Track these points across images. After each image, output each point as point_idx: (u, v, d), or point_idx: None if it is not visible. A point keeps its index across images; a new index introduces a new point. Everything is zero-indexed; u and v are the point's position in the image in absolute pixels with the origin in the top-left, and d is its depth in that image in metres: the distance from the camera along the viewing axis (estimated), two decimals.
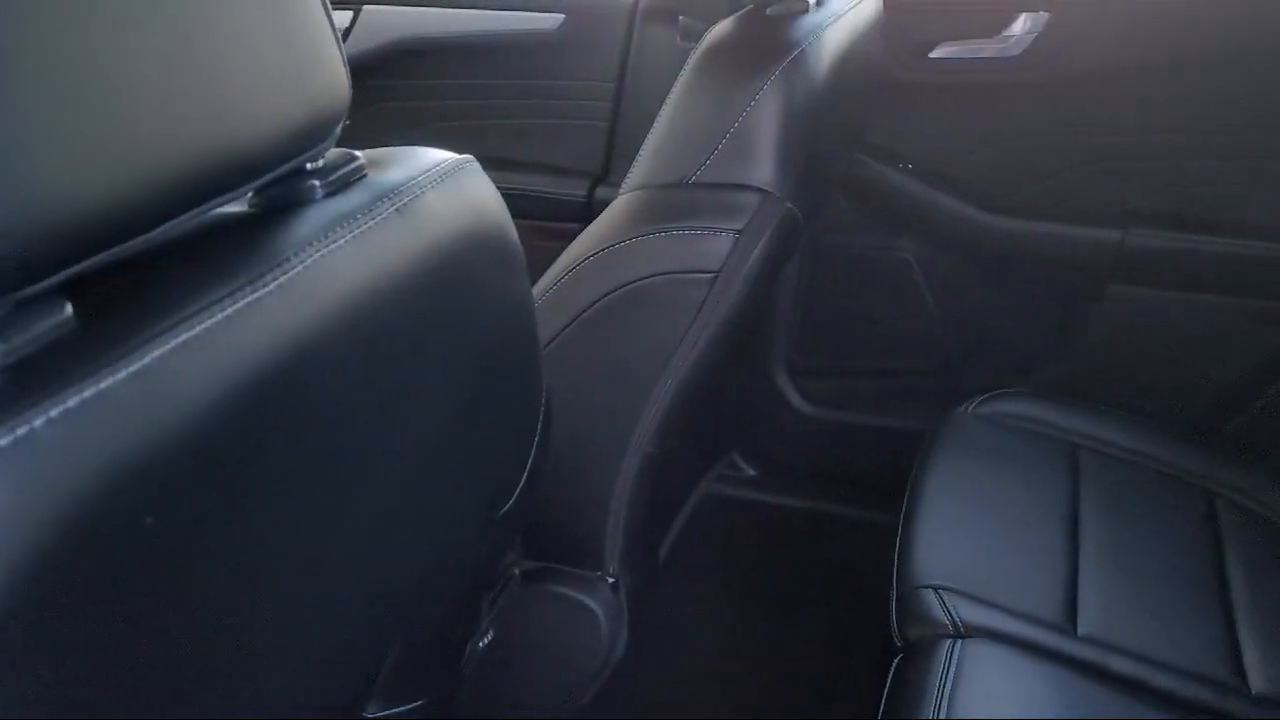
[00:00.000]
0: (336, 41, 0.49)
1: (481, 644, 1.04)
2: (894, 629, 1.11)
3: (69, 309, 0.39)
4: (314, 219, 0.48)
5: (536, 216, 1.77)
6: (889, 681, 1.04)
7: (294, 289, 0.44)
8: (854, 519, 1.73)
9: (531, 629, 1.18)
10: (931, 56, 1.52)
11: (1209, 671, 1.05)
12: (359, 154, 0.54)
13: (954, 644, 1.03)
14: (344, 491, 0.49)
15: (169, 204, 0.41)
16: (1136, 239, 1.50)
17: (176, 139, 0.40)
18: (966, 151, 1.58)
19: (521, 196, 1.77)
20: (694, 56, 1.08)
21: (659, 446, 1.12)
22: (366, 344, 0.48)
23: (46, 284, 0.37)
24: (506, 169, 1.79)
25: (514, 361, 0.65)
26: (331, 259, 0.47)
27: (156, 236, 0.41)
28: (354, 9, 1.75)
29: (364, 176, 0.53)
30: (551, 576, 1.18)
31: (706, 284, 1.03)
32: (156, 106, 0.39)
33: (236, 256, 0.44)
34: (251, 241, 0.45)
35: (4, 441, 0.33)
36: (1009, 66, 1.49)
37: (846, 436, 1.78)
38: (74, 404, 0.35)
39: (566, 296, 1.07)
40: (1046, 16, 1.45)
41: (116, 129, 0.38)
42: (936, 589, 1.10)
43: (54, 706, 0.36)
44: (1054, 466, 1.31)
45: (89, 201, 0.37)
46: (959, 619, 1.07)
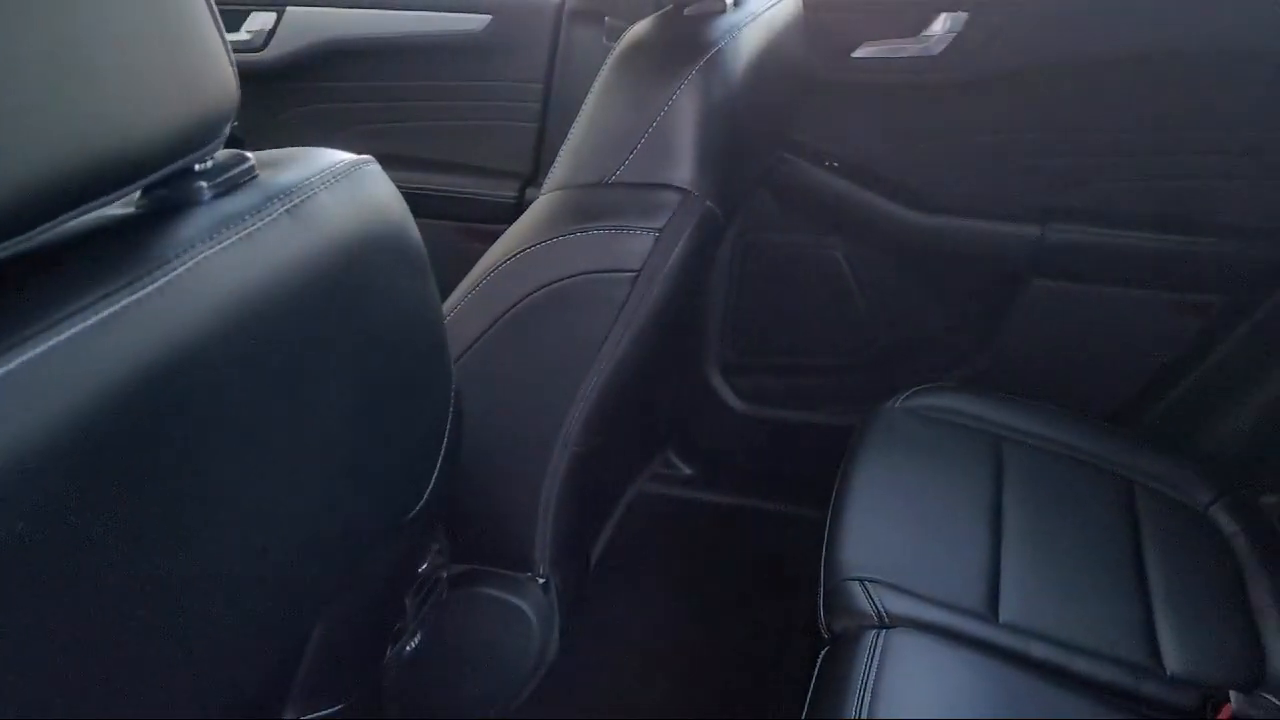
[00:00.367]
0: (223, 43, 0.48)
1: (409, 647, 1.04)
2: (821, 621, 1.13)
3: None
4: (200, 220, 0.48)
5: (466, 218, 1.77)
6: (815, 673, 1.05)
7: (175, 291, 0.44)
8: (788, 514, 1.75)
9: (461, 632, 1.17)
10: (854, 56, 1.53)
11: (1125, 655, 1.07)
12: (250, 155, 0.54)
13: (878, 634, 1.04)
14: (236, 492, 0.48)
15: (47, 205, 0.41)
16: (1055, 234, 1.53)
17: (53, 141, 0.40)
18: (892, 150, 1.60)
19: (451, 198, 1.77)
20: (612, 56, 1.09)
21: (586, 445, 1.12)
22: (257, 345, 0.48)
23: None
24: (436, 170, 1.79)
25: (418, 362, 0.65)
26: (216, 260, 0.46)
27: (34, 238, 0.41)
28: (278, 10, 1.73)
29: (255, 178, 0.53)
30: (481, 578, 1.18)
31: (628, 283, 1.04)
32: (32, 108, 0.38)
33: (118, 258, 0.43)
34: (134, 243, 0.45)
35: None
36: (930, 66, 1.51)
37: (780, 433, 1.80)
38: None
39: (489, 298, 1.07)
40: (965, 16, 1.48)
41: None
42: (862, 581, 1.11)
43: None
44: (978, 458, 1.33)
45: None
46: (883, 610, 1.08)
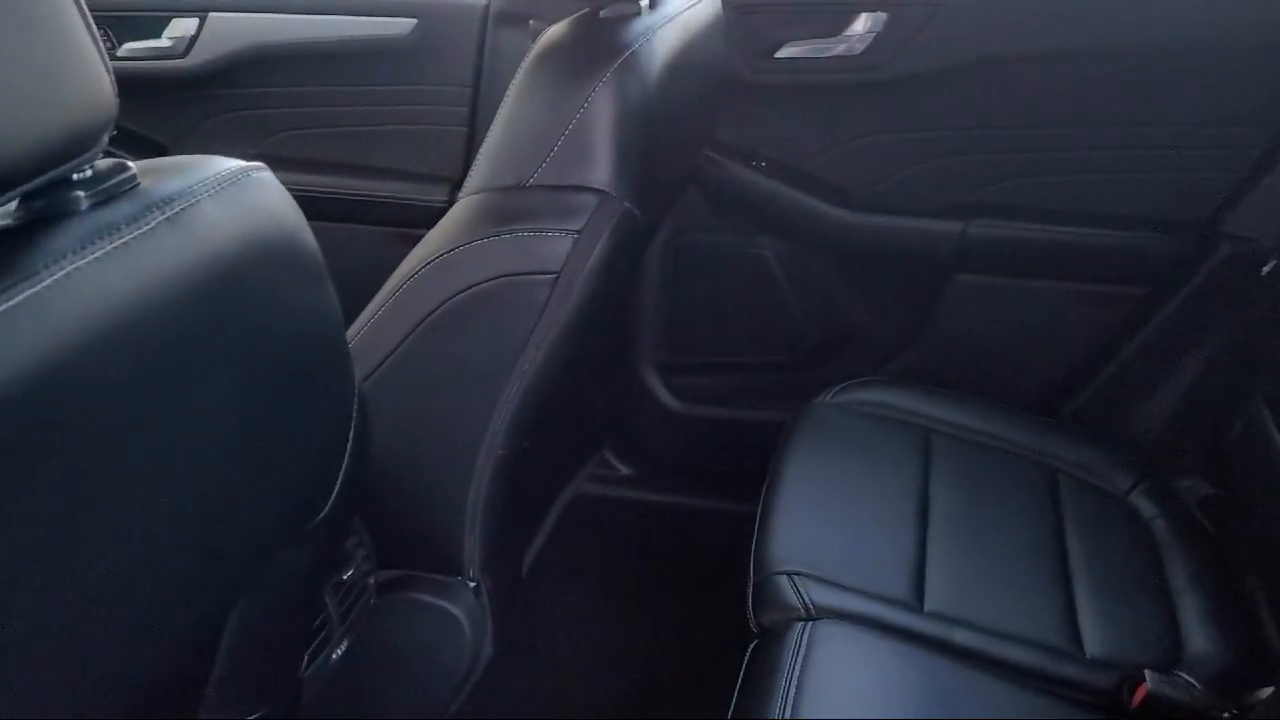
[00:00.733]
0: (98, 50, 0.48)
1: (335, 654, 1.03)
2: (750, 616, 1.14)
3: None
4: (75, 230, 0.47)
5: (398, 223, 1.76)
6: (743, 667, 1.06)
7: (44, 303, 0.43)
8: (726, 511, 1.76)
9: (391, 638, 1.17)
10: (777, 57, 1.55)
11: (1046, 638, 1.10)
12: (132, 164, 0.53)
13: (805, 627, 1.06)
14: (116, 503, 0.48)
15: None
16: (976, 229, 1.56)
17: None
18: (818, 149, 1.62)
19: (382, 203, 1.76)
20: (527, 60, 1.09)
21: (513, 448, 1.12)
22: (135, 355, 0.47)
23: None
24: (366, 176, 1.78)
25: (315, 369, 0.64)
26: (89, 271, 0.46)
27: None
28: (199, 16, 1.71)
29: (135, 186, 0.52)
30: (410, 584, 1.17)
31: (548, 285, 1.04)
32: None
33: None
34: (4, 255, 0.44)
35: None
36: (853, 66, 1.53)
37: (716, 431, 1.81)
38: None
39: (409, 302, 1.07)
40: (885, 17, 1.50)
41: None
42: (790, 575, 1.13)
43: None
44: (907, 451, 1.35)
45: None
46: (810, 602, 1.10)
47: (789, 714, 0.95)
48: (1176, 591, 1.18)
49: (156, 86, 1.78)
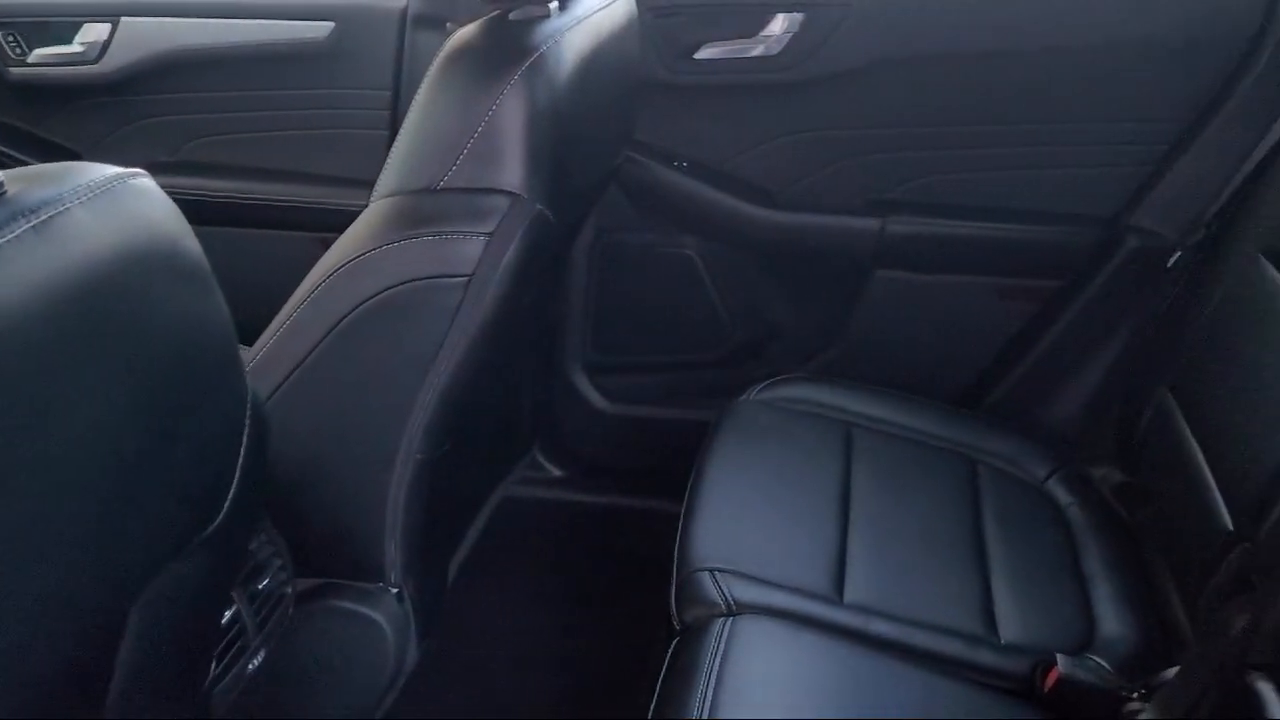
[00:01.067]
0: None
1: (253, 664, 1.02)
2: (673, 613, 1.14)
3: None
4: None
5: (322, 228, 1.74)
6: (665, 664, 1.07)
7: None
8: (656, 510, 1.75)
9: (312, 646, 1.16)
10: (696, 58, 1.56)
11: (962, 626, 1.11)
12: (1, 174, 0.52)
13: (725, 622, 1.06)
14: None
15: None
16: (894, 226, 1.59)
17: None
18: (739, 149, 1.64)
19: (303, 208, 1.74)
20: (436, 62, 1.09)
21: (430, 452, 1.12)
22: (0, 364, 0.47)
23: None
24: (288, 181, 1.76)
25: (201, 379, 0.63)
26: None
27: None
28: (111, 21, 1.67)
29: (3, 195, 0.51)
30: (330, 592, 1.16)
31: (460, 288, 1.04)
32: None
33: None
34: None
35: None
36: (771, 66, 1.55)
37: (643, 430, 1.81)
38: None
39: (320, 309, 1.06)
40: (802, 17, 1.52)
41: None
42: (712, 571, 1.13)
43: None
44: (829, 445, 1.36)
45: None
46: (731, 598, 1.11)
47: (707, 710, 0.95)
48: (1090, 576, 1.21)
49: (68, 93, 1.75)
